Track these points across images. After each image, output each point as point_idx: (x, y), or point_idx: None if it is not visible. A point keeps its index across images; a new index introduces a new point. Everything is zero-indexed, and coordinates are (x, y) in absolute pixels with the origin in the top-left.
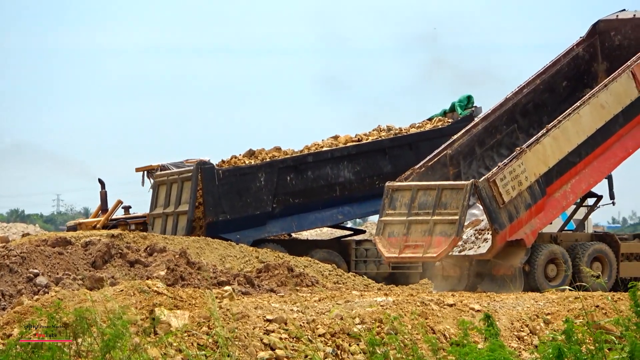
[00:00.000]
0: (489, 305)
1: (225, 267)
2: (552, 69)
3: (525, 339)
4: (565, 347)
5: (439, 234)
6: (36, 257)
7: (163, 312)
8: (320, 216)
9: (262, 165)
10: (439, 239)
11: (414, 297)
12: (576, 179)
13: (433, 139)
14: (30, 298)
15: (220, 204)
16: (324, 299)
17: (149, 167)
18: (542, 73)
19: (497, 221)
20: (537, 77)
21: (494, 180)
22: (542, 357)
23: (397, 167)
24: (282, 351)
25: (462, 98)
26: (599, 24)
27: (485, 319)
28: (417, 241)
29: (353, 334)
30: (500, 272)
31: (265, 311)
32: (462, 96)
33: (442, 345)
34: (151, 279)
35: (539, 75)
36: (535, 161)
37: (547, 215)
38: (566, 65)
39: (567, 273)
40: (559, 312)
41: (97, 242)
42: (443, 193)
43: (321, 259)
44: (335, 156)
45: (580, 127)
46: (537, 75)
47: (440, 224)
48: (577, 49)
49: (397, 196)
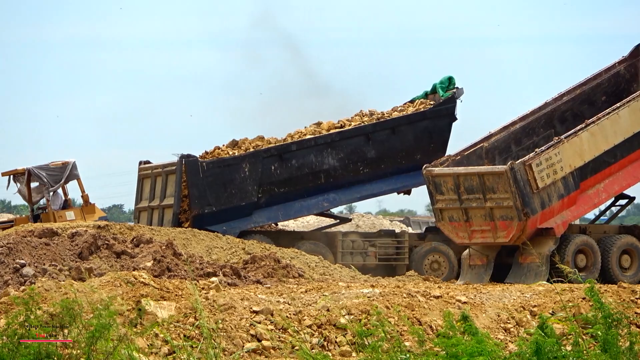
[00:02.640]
0: (475, 297)
1: (211, 259)
2: (592, 81)
3: (511, 330)
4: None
5: (501, 219)
6: (22, 247)
7: (149, 303)
8: (306, 204)
9: (245, 156)
10: (503, 223)
11: (400, 289)
12: (610, 180)
13: (415, 122)
14: (16, 289)
15: (206, 196)
16: (311, 291)
17: (15, 172)
18: (583, 84)
19: (530, 205)
20: (578, 87)
21: (529, 164)
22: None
23: (381, 152)
24: (268, 342)
25: (443, 79)
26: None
27: (463, 319)
28: (482, 226)
29: (340, 325)
30: (527, 260)
31: (252, 302)
32: (443, 77)
33: (428, 337)
34: (137, 270)
35: (579, 85)
36: (572, 153)
37: (578, 209)
38: (606, 81)
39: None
40: (545, 304)
41: (84, 233)
42: (485, 178)
43: (308, 250)
44: (318, 143)
45: (618, 127)
46: (578, 85)
47: (498, 209)
48: (619, 67)
49: (440, 181)
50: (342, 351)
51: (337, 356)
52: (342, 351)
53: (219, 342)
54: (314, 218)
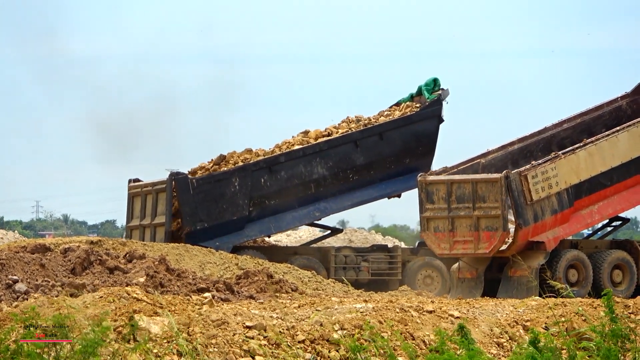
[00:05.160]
0: (468, 312)
1: (204, 274)
2: (594, 112)
3: (504, 345)
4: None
5: (485, 229)
6: (15, 263)
7: (142, 319)
8: (298, 215)
9: (235, 170)
10: (487, 234)
11: (393, 304)
12: (604, 202)
13: (403, 127)
14: (9, 305)
15: (197, 213)
16: (304, 306)
17: None
18: (584, 114)
19: (523, 217)
20: (579, 117)
21: (525, 175)
22: None
23: (370, 158)
24: (261, 357)
25: (428, 81)
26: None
27: (459, 330)
28: (465, 236)
29: (333, 340)
30: (517, 273)
31: (245, 318)
32: (428, 79)
33: (421, 352)
34: (130, 286)
35: (580, 115)
36: (568, 170)
37: (571, 226)
38: (608, 114)
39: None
40: (538, 318)
41: (76, 249)
42: (478, 186)
43: (301, 265)
44: (307, 153)
45: (616, 150)
46: (579, 114)
47: (485, 218)
48: (621, 102)
49: (433, 189)
50: None
51: None
52: None
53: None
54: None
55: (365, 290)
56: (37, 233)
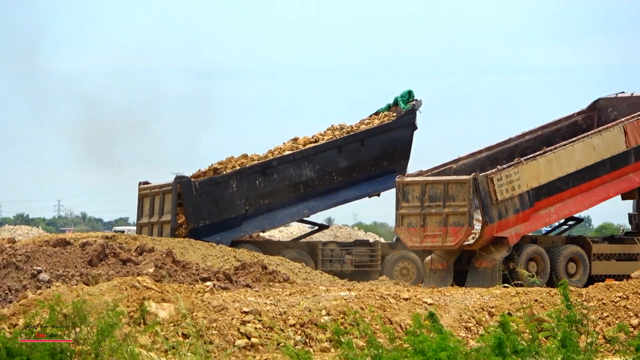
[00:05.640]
0: (440, 299)
1: (206, 265)
2: (552, 126)
3: (472, 329)
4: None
5: (453, 225)
6: (39, 256)
7: (151, 305)
8: (289, 212)
9: (233, 174)
10: (454, 229)
11: (373, 292)
12: (561, 204)
13: (381, 134)
14: (33, 292)
15: (200, 212)
16: (294, 294)
17: None
18: (545, 127)
19: (489, 215)
20: (540, 129)
21: (491, 178)
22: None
23: (352, 162)
24: (257, 339)
25: (403, 93)
26: (599, 101)
27: (430, 317)
28: (434, 231)
29: (320, 324)
30: (482, 264)
31: (242, 304)
32: (403, 91)
33: (398, 335)
34: (141, 276)
35: (541, 127)
36: (529, 174)
37: (531, 225)
38: (565, 128)
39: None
40: (502, 305)
41: (93, 243)
42: (449, 186)
43: (292, 258)
44: (297, 158)
45: (572, 158)
46: (540, 127)
47: (453, 215)
48: (577, 117)
49: (409, 189)
50: (322, 347)
51: (317, 352)
52: (322, 347)
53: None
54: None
55: (348, 280)
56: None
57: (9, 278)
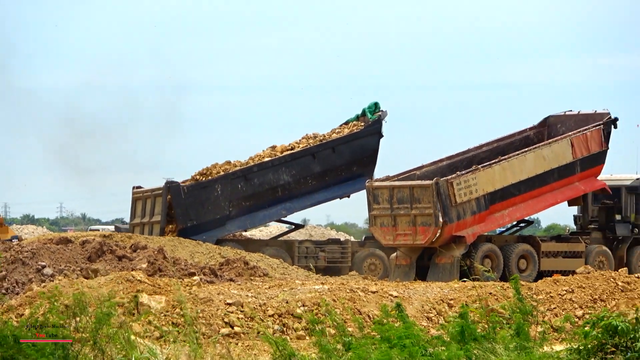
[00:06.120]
0: (404, 292)
1: (194, 261)
2: (507, 139)
3: (433, 319)
4: (465, 326)
5: (421, 224)
6: (43, 252)
7: (144, 297)
8: (268, 213)
9: (217, 179)
10: (423, 228)
11: (344, 286)
12: (513, 208)
13: (351, 141)
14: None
15: (188, 213)
16: (273, 287)
17: None
18: (500, 140)
19: (448, 215)
20: (495, 142)
21: (451, 182)
22: (447, 333)
23: (325, 167)
24: (239, 328)
25: (370, 105)
26: (549, 118)
27: (396, 307)
28: (405, 230)
29: (296, 315)
30: (442, 261)
31: (226, 296)
32: (370, 103)
33: (367, 324)
34: (135, 271)
35: (497, 140)
36: (485, 180)
37: (486, 225)
38: (518, 141)
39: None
40: (460, 298)
41: (92, 241)
42: (414, 190)
43: (271, 255)
44: (275, 164)
45: (524, 167)
46: (495, 140)
47: (420, 216)
48: (529, 132)
49: (378, 193)
50: (298, 335)
51: (294, 339)
52: (298, 335)
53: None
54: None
55: (322, 275)
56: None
57: (16, 272)
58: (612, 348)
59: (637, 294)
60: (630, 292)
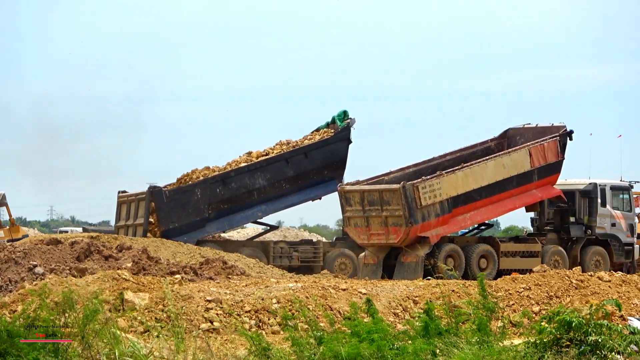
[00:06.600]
0: (372, 289)
1: (176, 261)
2: (470, 149)
3: (399, 314)
4: (430, 321)
5: (392, 225)
6: (35, 252)
7: (129, 294)
8: (245, 215)
9: (197, 183)
10: (394, 229)
11: (316, 283)
12: (475, 212)
13: (322, 147)
14: (30, 283)
15: (170, 216)
16: (250, 285)
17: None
18: (463, 150)
19: (414, 217)
20: (458, 152)
21: (416, 186)
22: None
23: (298, 171)
24: (218, 323)
25: (339, 113)
26: (509, 130)
27: (367, 302)
28: (378, 231)
29: (271, 311)
30: (408, 260)
31: (206, 294)
32: (339, 111)
33: (338, 320)
34: (120, 270)
35: (460, 150)
36: (449, 185)
37: (449, 227)
38: (480, 152)
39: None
40: (424, 294)
41: (80, 242)
42: (383, 193)
43: (248, 255)
44: (251, 169)
45: (485, 174)
46: (459, 150)
47: (391, 217)
48: (490, 143)
49: (350, 196)
50: (273, 330)
51: (269, 334)
52: (273, 330)
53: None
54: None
55: (295, 274)
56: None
57: (9, 271)
58: (566, 342)
59: (590, 291)
60: (584, 290)
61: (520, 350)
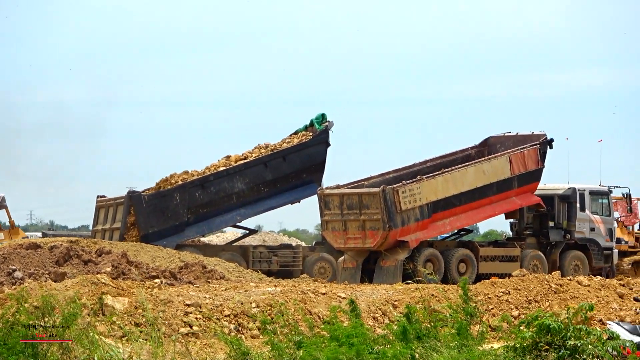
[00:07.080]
0: (351, 293)
1: (155, 265)
2: (450, 156)
3: (379, 319)
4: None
5: (370, 229)
6: (14, 257)
7: (108, 298)
8: (224, 219)
9: (176, 188)
10: (372, 232)
11: (296, 287)
12: (454, 218)
13: (300, 150)
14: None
15: (149, 220)
16: (229, 289)
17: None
18: (443, 157)
19: (393, 221)
20: (439, 158)
21: (396, 190)
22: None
23: (276, 175)
24: (197, 328)
25: (318, 116)
26: (489, 139)
27: (350, 303)
28: (355, 234)
29: (251, 315)
30: (387, 264)
31: (185, 298)
32: (318, 114)
33: (317, 324)
34: (100, 274)
35: (440, 157)
36: (429, 190)
37: (429, 232)
38: (460, 159)
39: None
40: (404, 299)
41: (60, 246)
42: (363, 197)
43: (227, 259)
44: (230, 173)
45: (465, 179)
46: (439, 157)
47: (369, 221)
48: (471, 151)
49: (329, 200)
50: (252, 334)
51: (248, 338)
52: (252, 334)
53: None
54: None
55: (275, 278)
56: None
57: None
58: (545, 346)
59: (569, 295)
60: (563, 294)
61: (499, 354)
